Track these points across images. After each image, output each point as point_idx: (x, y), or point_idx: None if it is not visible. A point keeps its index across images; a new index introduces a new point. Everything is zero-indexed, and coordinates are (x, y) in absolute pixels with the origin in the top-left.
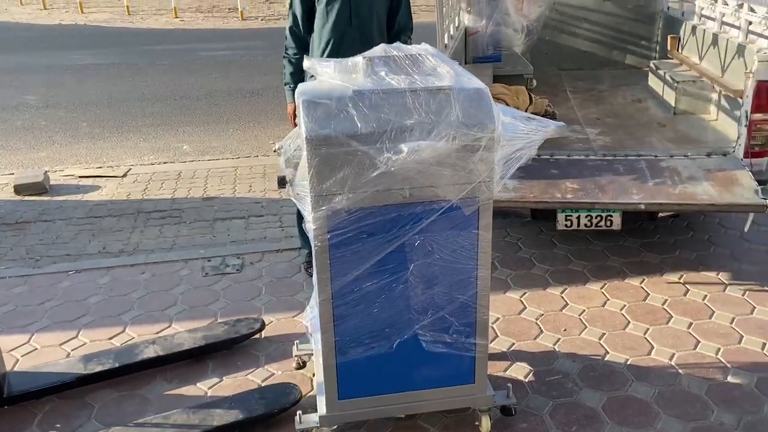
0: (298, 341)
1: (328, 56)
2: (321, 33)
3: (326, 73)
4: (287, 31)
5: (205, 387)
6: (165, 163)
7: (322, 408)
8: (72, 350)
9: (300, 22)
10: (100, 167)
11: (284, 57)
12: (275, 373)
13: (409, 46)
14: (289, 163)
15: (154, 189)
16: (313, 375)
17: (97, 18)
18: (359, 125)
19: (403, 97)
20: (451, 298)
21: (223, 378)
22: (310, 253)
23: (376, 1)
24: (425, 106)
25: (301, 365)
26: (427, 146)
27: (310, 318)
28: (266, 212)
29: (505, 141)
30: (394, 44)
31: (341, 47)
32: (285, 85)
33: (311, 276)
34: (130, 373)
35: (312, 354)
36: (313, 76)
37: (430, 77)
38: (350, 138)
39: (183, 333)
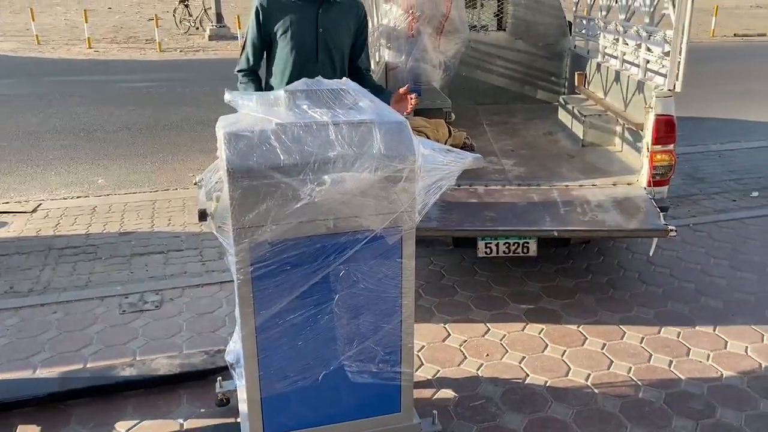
0: (220, 378)
1: None
2: (283, 70)
3: (248, 106)
4: (239, 74)
5: (122, 429)
6: (78, 197)
7: None
8: None
9: (252, 62)
10: (7, 203)
11: (241, 84)
12: (198, 411)
13: (330, 81)
14: (209, 196)
15: (66, 224)
16: (238, 412)
17: (3, 47)
18: (282, 157)
19: (325, 129)
20: (377, 327)
21: (143, 420)
22: None
23: (343, 39)
24: (347, 139)
25: (225, 402)
26: (350, 177)
27: (233, 353)
28: (186, 246)
29: (425, 172)
30: (316, 78)
31: None
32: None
33: None
34: (104, 394)
35: (236, 390)
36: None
37: (352, 111)
38: (273, 170)
39: (161, 359)
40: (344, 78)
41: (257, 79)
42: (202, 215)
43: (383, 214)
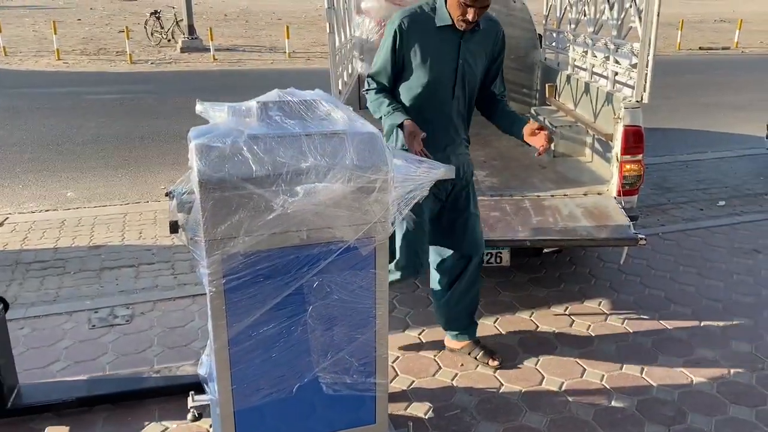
0: (193, 392)
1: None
2: (416, 105)
3: (219, 117)
4: (371, 92)
5: None
6: (47, 210)
7: None
8: None
9: (382, 87)
10: None
11: (372, 99)
12: (170, 426)
13: (302, 92)
14: (181, 208)
15: (34, 238)
16: (210, 426)
17: None
18: (254, 168)
19: (298, 140)
20: (351, 338)
21: None
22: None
23: (480, 69)
24: (320, 150)
25: (197, 417)
26: (324, 188)
27: (205, 367)
28: (157, 259)
29: (397, 182)
30: (288, 90)
31: (436, 125)
32: (385, 116)
33: None
34: (131, 400)
35: (208, 404)
36: None
37: (324, 122)
38: (245, 181)
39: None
40: (317, 90)
41: (391, 94)
42: (173, 227)
43: (356, 224)
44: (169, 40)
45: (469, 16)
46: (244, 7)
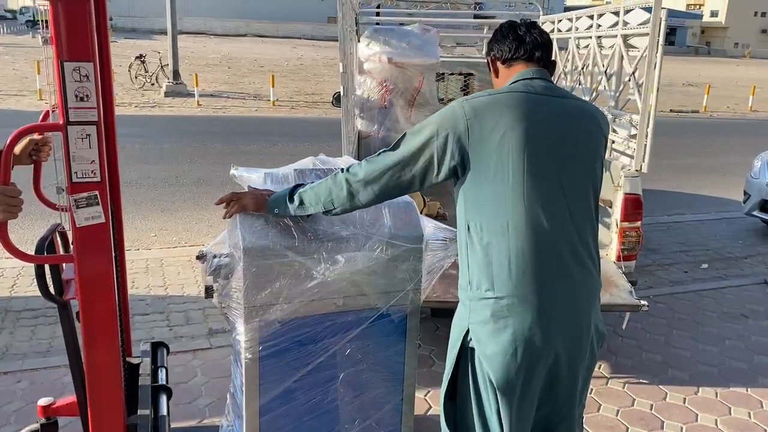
0: None
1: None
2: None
3: (257, 184)
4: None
5: None
6: None
7: None
8: None
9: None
10: None
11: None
12: None
13: (334, 159)
14: (216, 273)
15: (23, 285)
16: None
17: None
18: (296, 236)
19: None
20: (379, 406)
21: None
22: None
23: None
24: (359, 219)
25: None
26: (363, 257)
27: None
28: (152, 310)
29: (429, 251)
30: (319, 157)
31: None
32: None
33: None
34: None
35: None
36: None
37: None
38: (288, 249)
39: None
40: (345, 156)
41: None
42: (209, 291)
43: (390, 292)
44: (152, 84)
45: None
46: (226, 53)
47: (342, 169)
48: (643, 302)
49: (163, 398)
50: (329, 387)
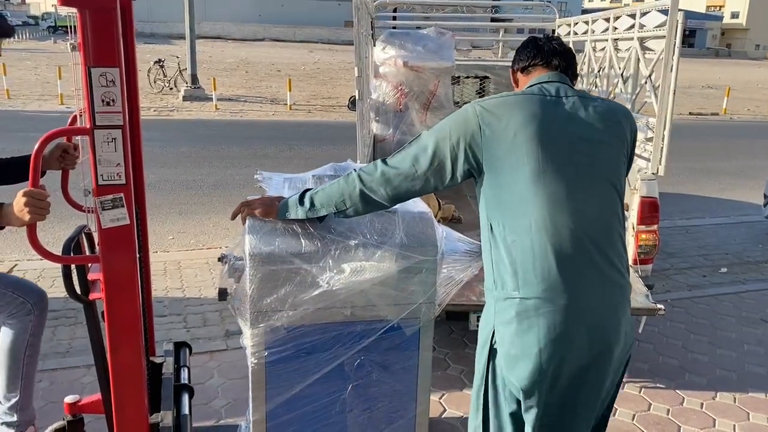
0: None
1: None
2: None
3: (275, 190)
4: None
5: None
6: None
7: None
8: None
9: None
10: None
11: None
12: None
13: (356, 165)
14: (231, 274)
15: (44, 286)
16: None
17: None
18: (303, 243)
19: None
20: (390, 420)
21: None
22: None
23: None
24: (370, 227)
25: None
26: (370, 267)
27: None
28: (169, 312)
29: (447, 264)
30: (341, 164)
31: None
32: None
33: None
34: None
35: None
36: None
37: None
38: (294, 256)
39: None
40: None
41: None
42: (222, 294)
43: (401, 304)
44: (171, 89)
45: None
46: (243, 57)
47: (355, 170)
48: (659, 306)
49: (186, 397)
50: (338, 397)
